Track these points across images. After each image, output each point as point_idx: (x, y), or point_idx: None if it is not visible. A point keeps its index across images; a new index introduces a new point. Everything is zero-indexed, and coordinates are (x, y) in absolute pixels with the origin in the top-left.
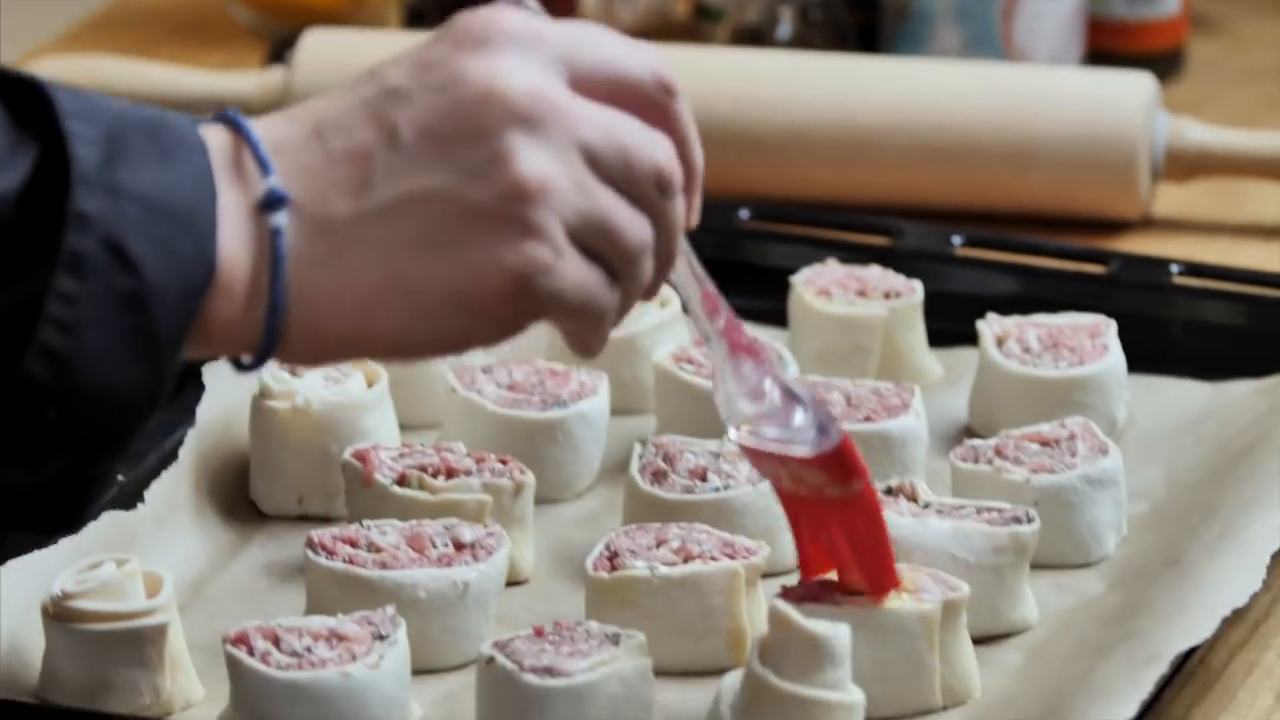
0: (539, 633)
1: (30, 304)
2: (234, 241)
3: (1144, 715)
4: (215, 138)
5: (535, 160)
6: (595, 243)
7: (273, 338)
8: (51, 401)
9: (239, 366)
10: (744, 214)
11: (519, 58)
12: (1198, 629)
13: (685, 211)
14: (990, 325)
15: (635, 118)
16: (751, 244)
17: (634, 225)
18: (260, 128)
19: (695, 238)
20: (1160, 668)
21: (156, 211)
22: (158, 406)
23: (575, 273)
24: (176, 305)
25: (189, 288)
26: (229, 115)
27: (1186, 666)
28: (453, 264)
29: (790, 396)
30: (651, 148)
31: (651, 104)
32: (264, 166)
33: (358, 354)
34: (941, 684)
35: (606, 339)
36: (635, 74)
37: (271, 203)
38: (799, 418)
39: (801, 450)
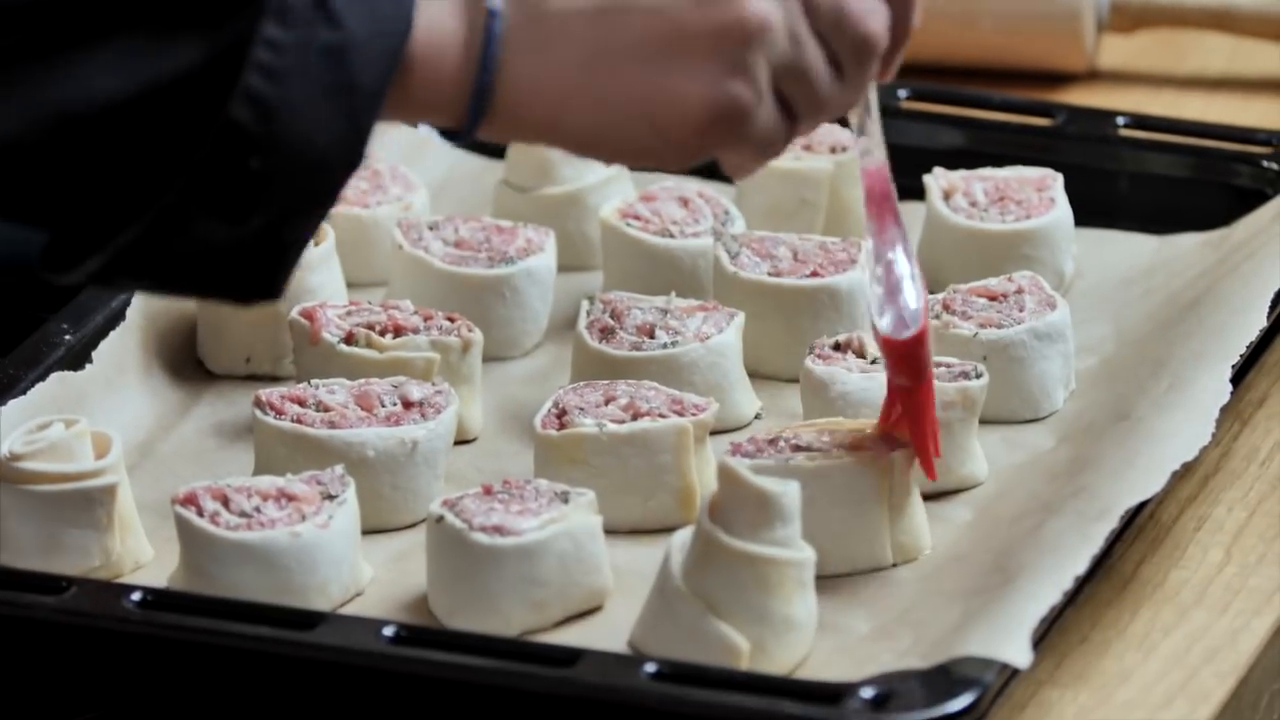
0: (488, 491)
1: (238, 48)
2: (450, 14)
3: (1094, 570)
4: None
5: (761, 1)
6: (794, 93)
7: (478, 113)
8: (256, 149)
9: (446, 135)
10: None
11: None
12: (1147, 483)
13: (892, 68)
14: (937, 179)
15: None
16: None
17: (827, 83)
18: None
19: None
20: (1110, 523)
21: None
22: (356, 167)
23: (768, 118)
24: (377, 61)
25: (389, 45)
26: None
27: (1136, 521)
28: (657, 81)
29: (897, 276)
30: (866, 14)
31: None
32: None
33: (549, 142)
34: (891, 540)
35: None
36: None
37: None
38: (908, 297)
39: (880, 327)
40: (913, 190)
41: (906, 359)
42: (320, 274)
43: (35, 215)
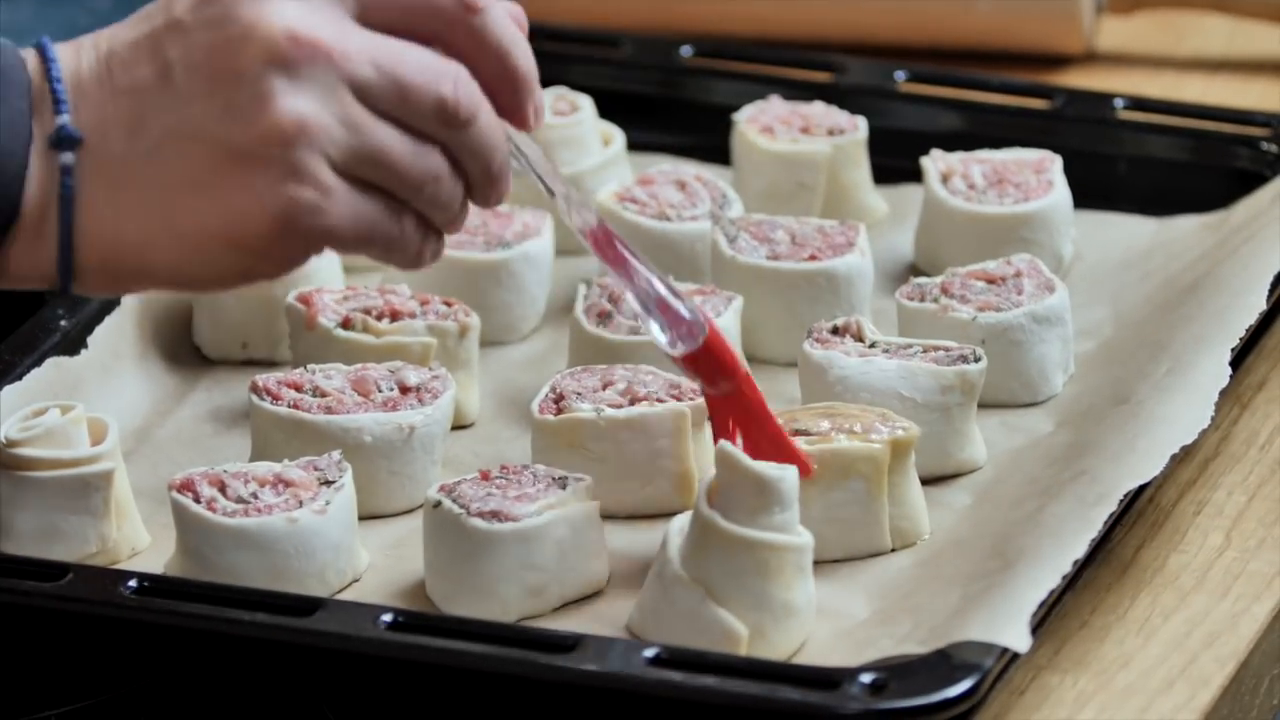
0: (485, 476)
1: None
2: (34, 181)
3: (1093, 555)
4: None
5: (293, 102)
6: (371, 176)
7: (68, 273)
8: None
9: (50, 295)
10: (686, 51)
11: (294, 1)
12: (1147, 467)
13: (526, 118)
14: (935, 162)
15: (426, 47)
16: (693, 81)
17: (413, 156)
18: (64, 56)
19: (636, 76)
20: (1109, 507)
21: None
22: None
23: (345, 208)
24: None
25: None
26: (41, 42)
27: (1136, 506)
28: (218, 205)
29: (663, 299)
30: (434, 79)
31: (453, 25)
32: (59, 104)
33: (147, 286)
34: (890, 525)
35: (438, 249)
36: (430, 9)
37: (64, 141)
38: (676, 314)
39: (672, 351)
40: (910, 173)
41: (711, 364)
42: (316, 259)
43: None
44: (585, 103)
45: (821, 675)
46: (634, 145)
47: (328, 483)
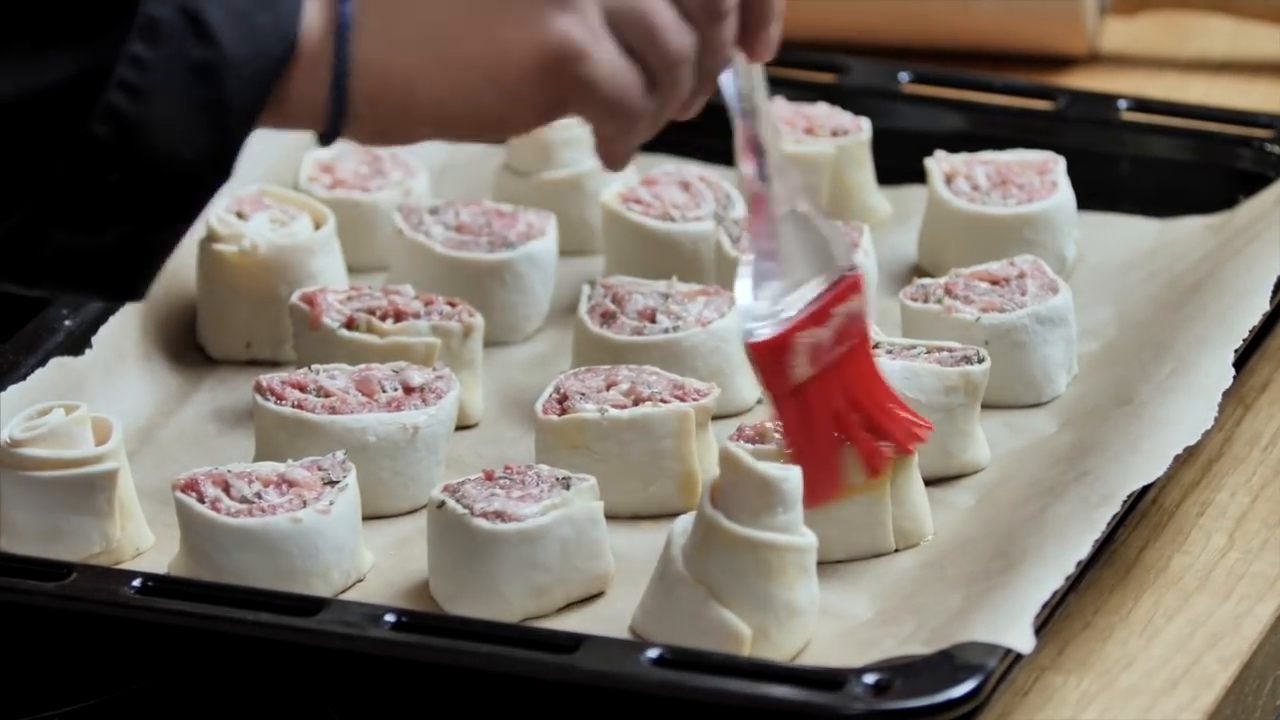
0: (489, 476)
1: (104, 65)
2: (311, 13)
3: (1097, 555)
4: None
5: None
6: (634, 39)
7: (339, 108)
8: (114, 165)
9: (320, 138)
10: None
11: None
12: (1150, 468)
13: (760, 43)
14: (939, 163)
15: None
16: None
17: (675, 31)
18: None
19: None
20: (1113, 507)
21: None
22: (225, 180)
23: (609, 61)
24: (252, 79)
25: (266, 63)
26: None
27: (1139, 506)
28: (489, 35)
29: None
30: None
31: None
32: None
33: (410, 127)
34: (894, 526)
35: (634, 151)
36: None
37: None
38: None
39: (747, 337)
40: (914, 174)
41: (769, 365)
42: (321, 259)
43: None
44: None
45: (825, 676)
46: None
47: (332, 483)
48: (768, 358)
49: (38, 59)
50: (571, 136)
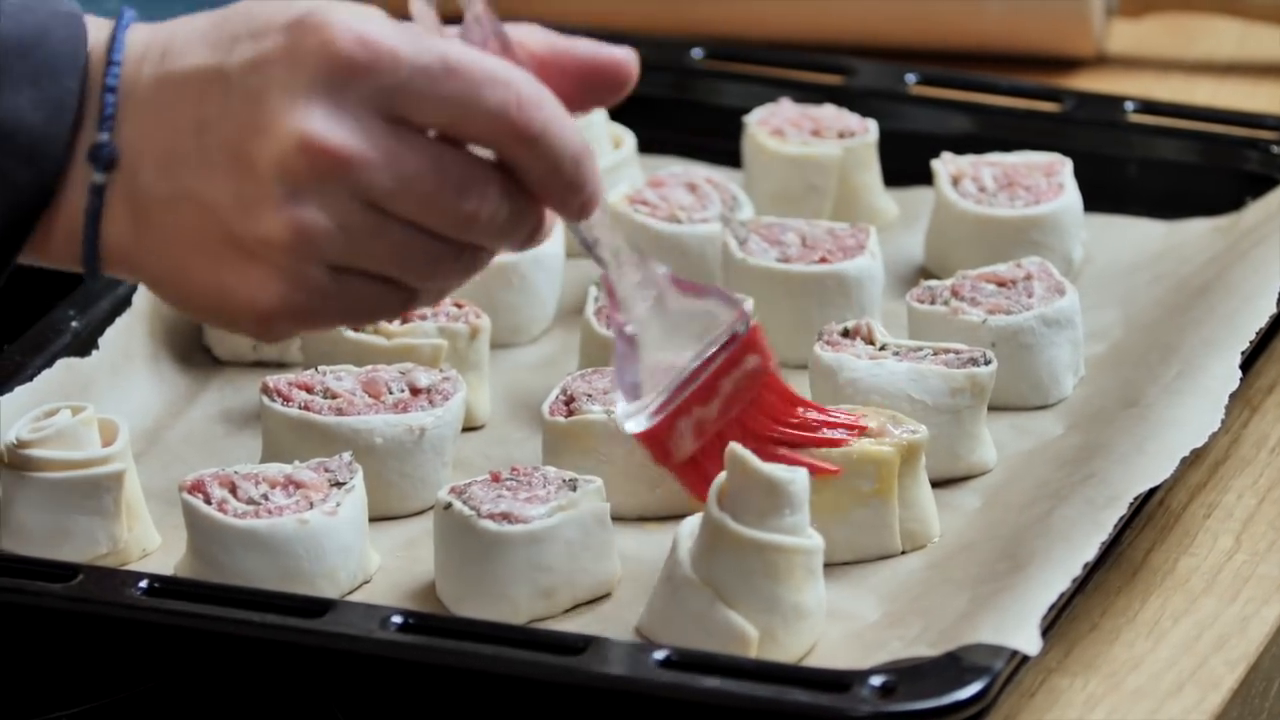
0: (496, 478)
1: None
2: (70, 185)
3: (1103, 558)
4: (93, 44)
5: (294, 212)
6: (379, 272)
7: (93, 272)
8: None
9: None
10: (697, 53)
11: (326, 97)
12: (1157, 470)
13: (577, 209)
14: (945, 164)
15: (460, 155)
16: (704, 83)
17: (429, 255)
18: (129, 55)
19: (647, 78)
20: (1119, 510)
21: (5, 138)
22: None
23: (339, 303)
24: (4, 233)
25: (19, 217)
26: (118, 24)
27: (1146, 509)
28: (216, 280)
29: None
30: (458, 198)
31: (501, 139)
32: (106, 118)
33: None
34: (901, 528)
35: (436, 300)
36: (479, 119)
37: (100, 160)
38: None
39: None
40: (921, 175)
41: (653, 449)
42: None
43: None
44: None
45: (831, 677)
46: (644, 147)
47: (338, 484)
48: (650, 444)
49: None
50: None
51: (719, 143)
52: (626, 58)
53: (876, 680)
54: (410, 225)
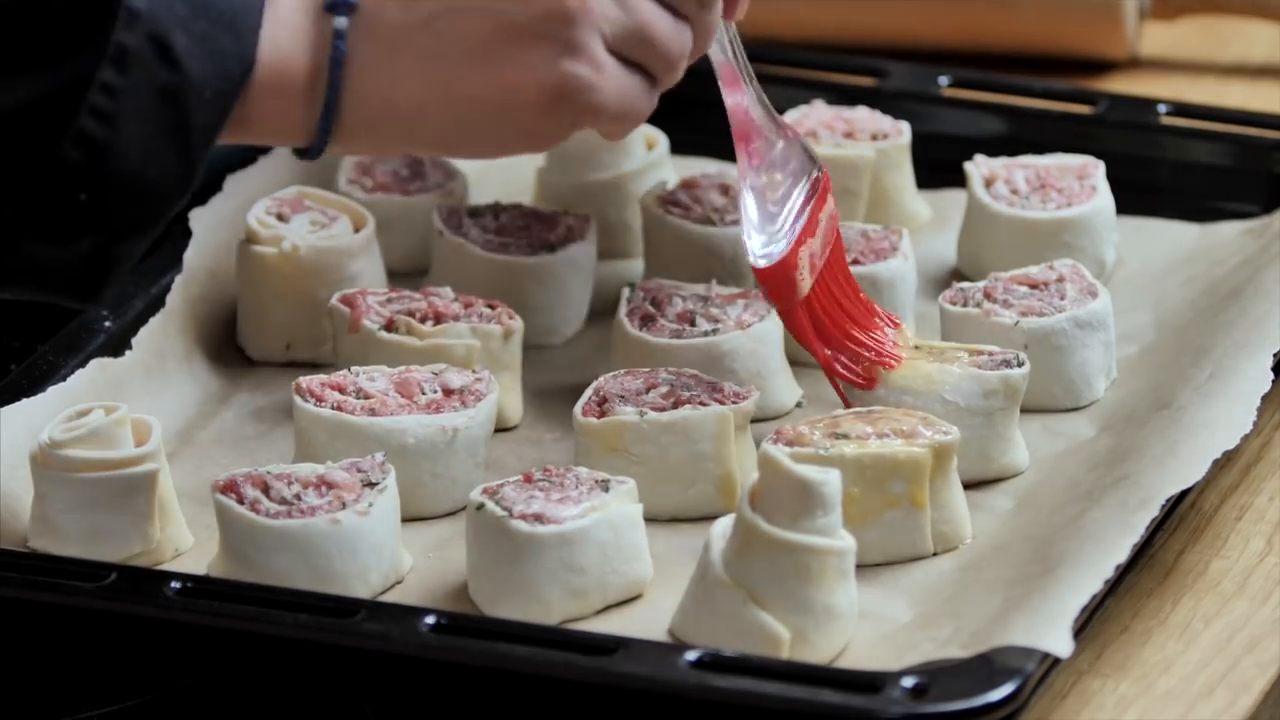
0: (528, 479)
1: (73, 90)
2: (293, 40)
3: (1135, 560)
4: None
5: None
6: (636, 53)
7: (326, 135)
8: (84, 185)
9: (299, 153)
10: None
11: None
12: (1189, 472)
13: (729, 6)
14: (978, 167)
15: None
16: None
17: (674, 35)
18: None
19: (680, 80)
20: (1151, 512)
21: (202, 8)
22: (186, 196)
23: (614, 85)
24: (213, 101)
25: (227, 84)
26: None
27: (1177, 511)
28: (493, 77)
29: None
30: None
31: None
32: None
33: (408, 150)
34: (932, 529)
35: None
36: None
37: (337, 6)
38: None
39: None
40: (954, 178)
41: (770, 286)
42: (361, 261)
43: None
44: None
45: (863, 679)
46: (678, 149)
47: (371, 484)
48: (779, 276)
49: (10, 81)
50: None
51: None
52: None
53: (908, 681)
54: (657, 3)
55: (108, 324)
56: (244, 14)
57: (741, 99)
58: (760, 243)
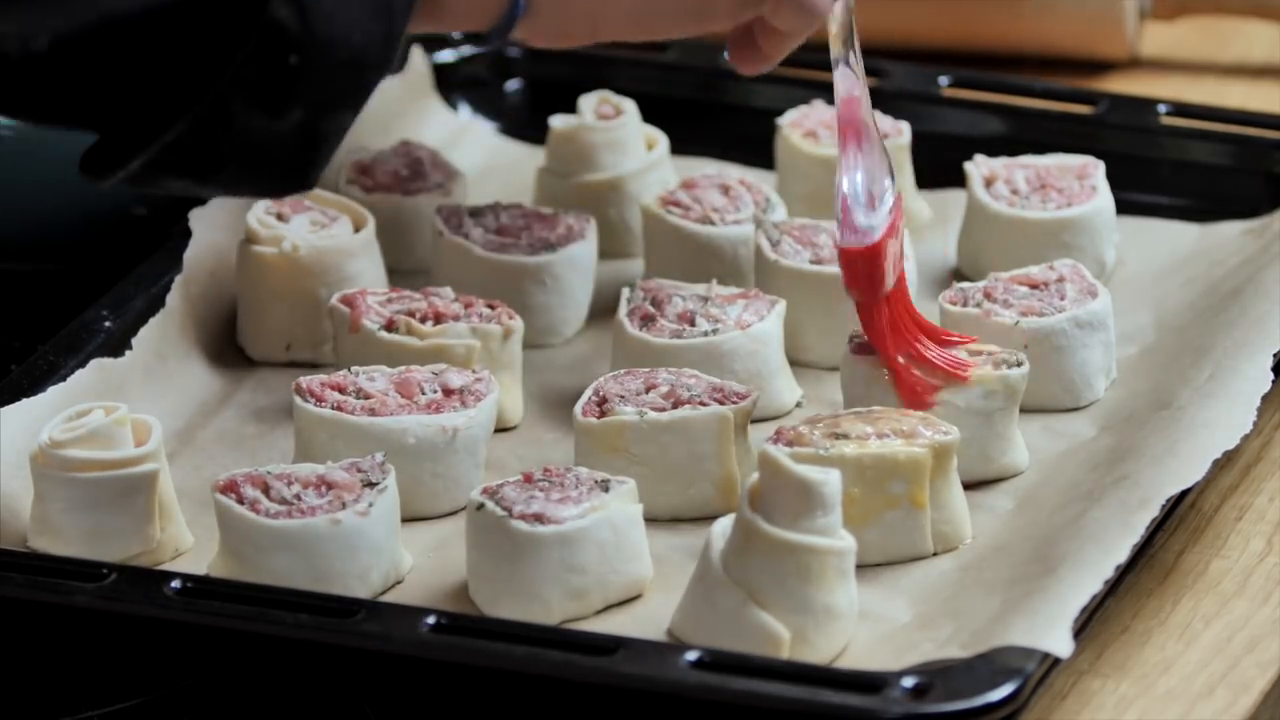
0: (528, 479)
1: None
2: None
3: (1135, 560)
4: None
5: None
6: None
7: (515, 12)
8: (294, 47)
9: (479, 39)
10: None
11: None
12: (1189, 472)
13: None
14: (978, 167)
15: None
16: (737, 86)
17: None
18: None
19: (681, 79)
20: (1151, 512)
21: None
22: (389, 66)
23: None
24: None
25: None
26: None
27: (1177, 511)
28: None
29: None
30: None
31: None
32: None
33: (599, 26)
34: (932, 530)
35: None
36: None
37: None
38: (856, 217)
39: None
40: (954, 178)
41: (855, 272)
42: (360, 261)
43: (84, 116)
44: (629, 106)
45: (863, 679)
46: (678, 149)
47: (371, 484)
48: (868, 263)
49: None
50: (612, 139)
51: (752, 144)
52: None
53: (908, 681)
54: None
55: (108, 324)
56: None
57: (852, 95)
58: (858, 223)
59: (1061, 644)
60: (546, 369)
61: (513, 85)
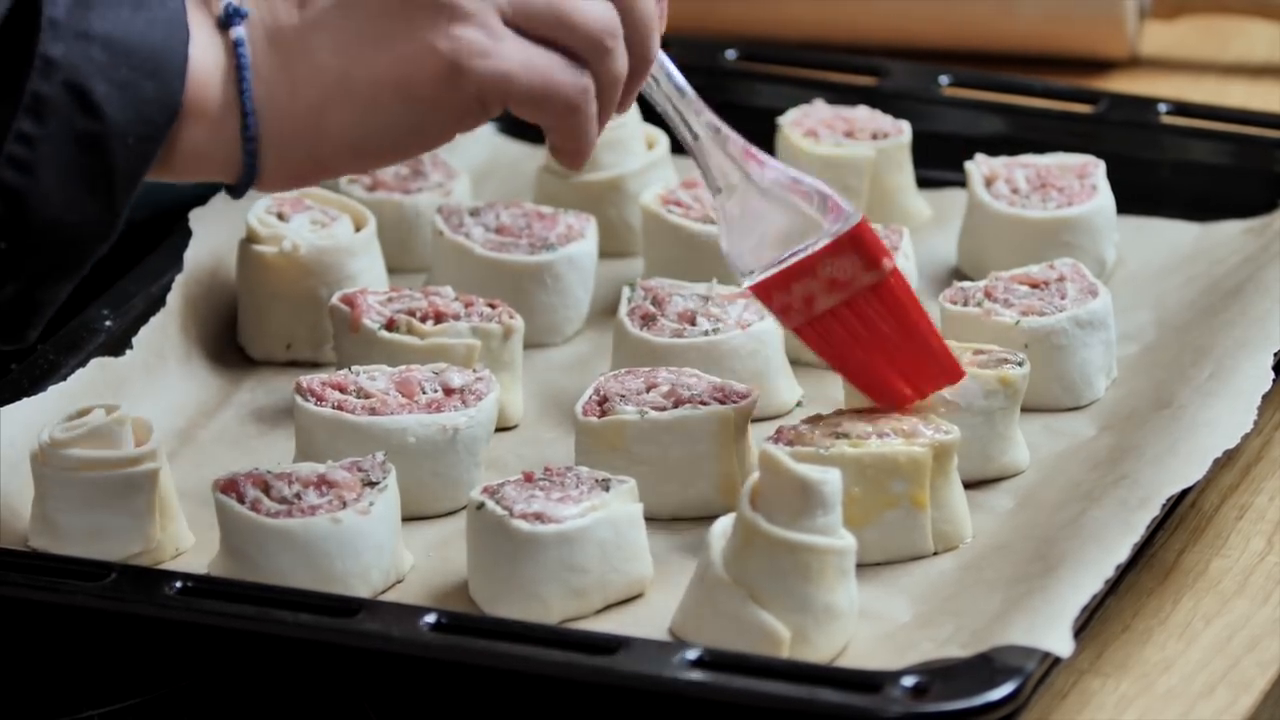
0: (529, 478)
1: None
2: (201, 63)
3: (1135, 559)
4: None
5: None
6: (544, 28)
7: (252, 150)
8: (3, 234)
9: (229, 190)
10: (730, 54)
11: None
12: (1189, 472)
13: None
14: (978, 166)
15: None
16: (738, 84)
17: (593, 12)
18: None
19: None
20: (1151, 511)
21: (123, 55)
22: (109, 240)
23: (517, 54)
24: (137, 146)
25: (151, 129)
26: None
27: (1178, 510)
28: (390, 56)
29: (796, 190)
30: None
31: None
32: None
33: (324, 163)
34: (933, 529)
35: (592, 142)
36: None
37: (231, 16)
38: (805, 210)
39: (825, 240)
40: (954, 177)
41: (867, 243)
42: (361, 260)
43: None
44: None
45: (863, 678)
46: (678, 148)
47: (371, 484)
48: (763, 296)
49: None
50: (612, 138)
51: (753, 143)
52: None
53: (909, 681)
54: None
55: (108, 323)
56: (167, 57)
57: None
58: (844, 206)
59: (1062, 643)
60: (547, 368)
61: None
